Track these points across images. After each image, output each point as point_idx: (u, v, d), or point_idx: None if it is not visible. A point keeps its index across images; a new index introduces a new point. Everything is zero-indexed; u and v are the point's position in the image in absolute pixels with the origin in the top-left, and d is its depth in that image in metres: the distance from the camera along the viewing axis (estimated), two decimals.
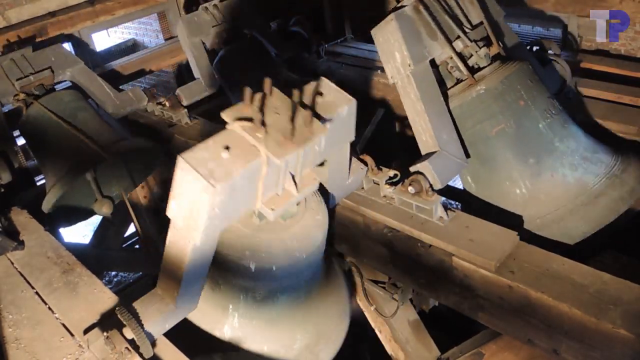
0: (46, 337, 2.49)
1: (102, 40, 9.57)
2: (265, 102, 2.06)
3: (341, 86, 2.34)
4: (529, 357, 3.24)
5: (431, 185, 2.97)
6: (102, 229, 5.99)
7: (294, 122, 2.02)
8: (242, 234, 2.42)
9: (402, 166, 3.15)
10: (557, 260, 2.62)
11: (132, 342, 2.28)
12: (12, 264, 2.97)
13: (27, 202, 3.69)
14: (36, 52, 4.44)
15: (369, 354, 4.43)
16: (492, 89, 3.26)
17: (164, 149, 4.33)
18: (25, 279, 2.86)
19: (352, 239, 3.23)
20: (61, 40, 5.40)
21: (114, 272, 7.81)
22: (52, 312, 2.63)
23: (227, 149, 1.94)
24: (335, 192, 2.95)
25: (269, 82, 2.06)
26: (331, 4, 6.92)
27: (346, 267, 3.32)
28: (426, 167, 3.05)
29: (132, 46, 8.96)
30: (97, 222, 5.95)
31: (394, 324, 3.49)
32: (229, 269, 2.49)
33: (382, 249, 3.07)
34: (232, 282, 2.57)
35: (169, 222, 2.20)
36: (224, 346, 2.63)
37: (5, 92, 4.29)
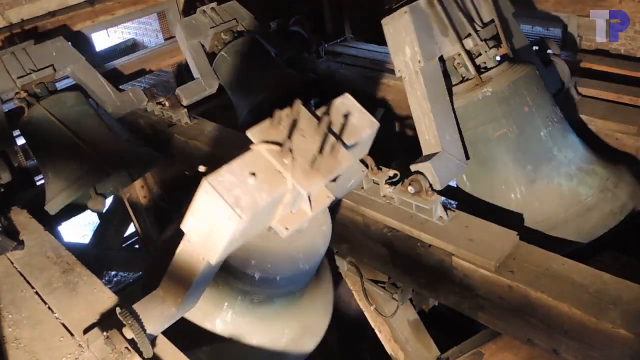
0: (46, 337, 2.49)
1: (102, 40, 9.57)
2: (294, 125, 2.00)
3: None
4: (529, 357, 3.24)
5: (431, 185, 2.97)
6: (102, 229, 6.01)
7: (322, 150, 1.99)
8: (249, 244, 2.41)
9: (402, 166, 3.14)
10: (557, 260, 2.62)
11: (132, 342, 2.28)
12: (12, 264, 2.97)
13: (27, 202, 3.70)
14: (38, 46, 4.44)
15: (369, 354, 4.42)
16: (498, 93, 3.24)
17: (165, 152, 4.35)
18: (25, 279, 2.86)
19: (352, 239, 3.23)
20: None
21: (114, 272, 7.80)
22: (52, 312, 2.63)
23: (253, 175, 1.88)
24: (336, 194, 2.95)
25: (299, 104, 2.01)
26: (331, 4, 6.92)
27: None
28: (427, 168, 3.05)
29: (132, 46, 8.95)
30: (97, 222, 5.96)
31: (394, 324, 3.49)
32: (231, 274, 2.49)
33: (382, 249, 3.07)
34: (232, 285, 2.57)
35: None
36: (213, 338, 2.64)
37: (5, 89, 4.28)
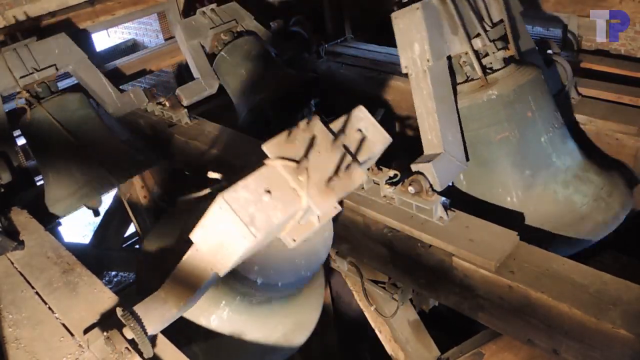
0: (46, 337, 2.49)
1: (102, 40, 9.56)
2: (311, 143, 2.00)
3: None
4: (529, 357, 3.24)
5: (431, 185, 2.97)
6: (102, 229, 6.00)
7: (337, 169, 1.99)
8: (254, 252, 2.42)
9: (402, 166, 3.14)
10: (557, 260, 2.62)
11: (132, 342, 2.28)
12: (12, 264, 2.97)
13: (27, 202, 3.70)
14: (40, 42, 4.43)
15: (369, 354, 4.42)
16: (503, 96, 3.23)
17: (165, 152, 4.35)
18: (25, 279, 2.86)
19: (352, 239, 3.23)
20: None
21: (114, 272, 7.79)
22: (52, 312, 2.63)
23: (268, 192, 1.88)
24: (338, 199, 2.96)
25: (317, 119, 2.01)
26: (331, 4, 6.91)
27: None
28: (428, 169, 3.05)
29: (132, 46, 8.94)
30: (97, 222, 5.95)
31: (394, 324, 3.49)
32: (232, 277, 2.48)
33: (382, 249, 3.07)
34: (232, 286, 2.57)
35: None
36: (207, 333, 2.64)
37: (7, 86, 4.27)
